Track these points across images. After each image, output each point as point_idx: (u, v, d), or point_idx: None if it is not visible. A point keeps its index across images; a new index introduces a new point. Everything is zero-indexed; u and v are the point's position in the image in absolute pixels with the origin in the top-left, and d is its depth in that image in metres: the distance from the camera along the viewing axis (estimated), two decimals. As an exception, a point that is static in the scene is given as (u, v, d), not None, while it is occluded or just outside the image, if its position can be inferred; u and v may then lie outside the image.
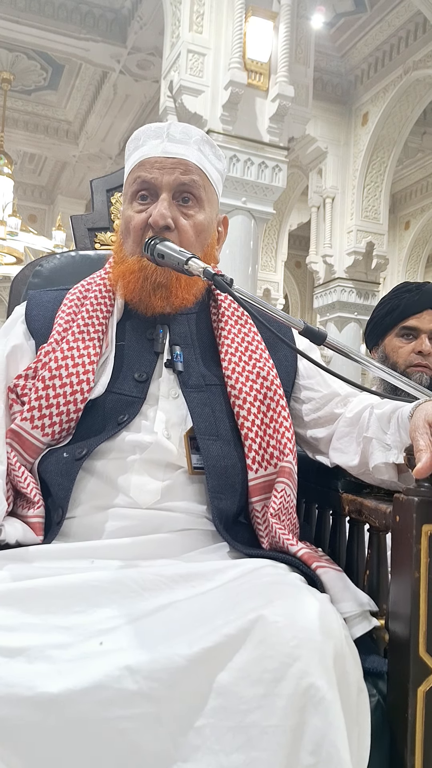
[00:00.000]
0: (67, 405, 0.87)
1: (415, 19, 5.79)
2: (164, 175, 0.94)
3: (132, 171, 0.97)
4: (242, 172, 4.22)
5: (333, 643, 0.62)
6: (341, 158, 6.74)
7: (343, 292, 6.76)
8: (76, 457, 0.85)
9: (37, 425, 0.87)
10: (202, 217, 0.97)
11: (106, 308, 0.96)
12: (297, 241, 9.97)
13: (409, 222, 9.21)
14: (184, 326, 0.98)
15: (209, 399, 0.92)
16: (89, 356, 0.91)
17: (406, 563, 0.74)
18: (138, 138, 0.99)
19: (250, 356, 0.96)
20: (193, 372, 0.94)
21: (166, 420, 0.89)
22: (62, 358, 0.90)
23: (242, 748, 0.58)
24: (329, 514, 1.05)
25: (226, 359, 0.95)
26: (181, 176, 0.94)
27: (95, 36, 6.16)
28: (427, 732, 0.71)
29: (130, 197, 0.97)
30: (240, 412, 0.91)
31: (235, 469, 0.89)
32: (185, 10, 4.15)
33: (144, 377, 0.92)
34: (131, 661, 0.58)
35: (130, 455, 0.86)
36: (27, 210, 9.39)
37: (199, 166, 0.96)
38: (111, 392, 0.90)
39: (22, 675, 0.57)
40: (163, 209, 0.92)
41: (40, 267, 1.32)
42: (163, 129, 0.97)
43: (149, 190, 0.95)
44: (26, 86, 7.40)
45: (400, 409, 0.85)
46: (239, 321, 1.00)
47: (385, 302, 1.56)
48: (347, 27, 6.22)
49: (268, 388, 0.94)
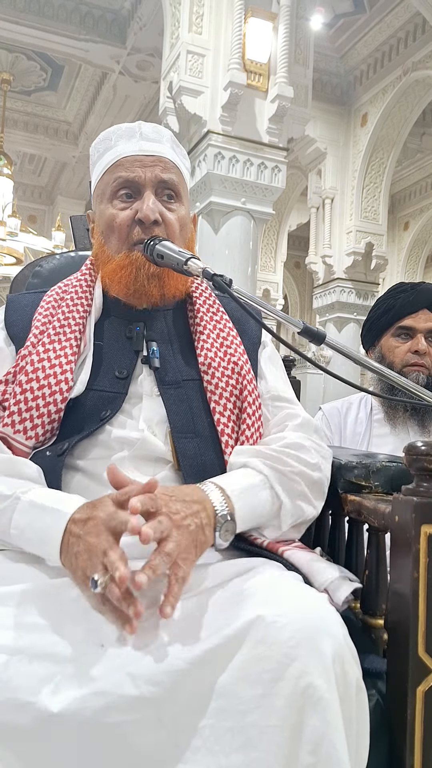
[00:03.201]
0: (47, 406, 0.87)
1: (414, 20, 5.80)
2: (146, 173, 0.95)
3: (108, 171, 0.98)
4: (241, 173, 4.23)
5: (331, 642, 0.62)
6: (340, 159, 6.75)
7: (342, 293, 6.77)
8: (58, 453, 0.85)
9: (18, 429, 0.86)
10: (183, 211, 0.99)
11: (83, 308, 0.97)
12: (296, 242, 9.98)
13: (408, 223, 9.22)
14: (161, 323, 0.99)
15: (186, 395, 0.92)
16: (66, 356, 0.90)
17: (405, 563, 0.74)
18: (108, 138, 1.00)
19: (225, 351, 0.97)
20: (170, 368, 0.94)
21: (150, 418, 0.89)
22: (38, 361, 0.89)
23: (241, 749, 0.58)
24: (328, 514, 1.05)
25: (202, 354, 0.95)
26: (162, 173, 0.96)
27: (95, 37, 6.16)
28: (426, 732, 0.71)
29: (109, 196, 0.97)
30: (216, 408, 0.91)
31: (213, 466, 0.88)
32: (185, 10, 4.16)
33: (125, 374, 0.92)
34: (132, 667, 0.58)
35: (117, 452, 0.86)
36: (27, 210, 9.39)
37: (175, 163, 0.99)
38: (92, 390, 0.90)
39: (24, 678, 0.57)
40: (151, 204, 0.94)
41: (39, 267, 1.32)
42: (134, 129, 0.99)
43: (132, 188, 0.96)
44: (26, 87, 7.40)
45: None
46: (214, 317, 1.01)
47: (381, 302, 1.56)
48: (346, 28, 6.23)
49: (242, 384, 0.94)
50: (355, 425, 1.55)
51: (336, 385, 5.83)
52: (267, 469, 0.84)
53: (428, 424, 1.50)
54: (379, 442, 1.50)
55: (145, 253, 0.93)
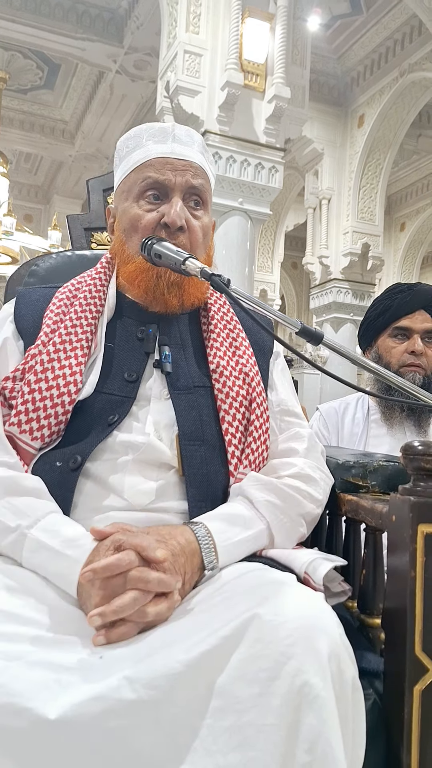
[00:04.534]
0: (54, 407, 0.86)
1: (410, 22, 5.82)
2: (177, 177, 0.94)
3: (137, 169, 0.96)
4: (239, 173, 4.23)
5: (328, 640, 0.62)
6: (337, 160, 6.77)
7: (339, 293, 6.79)
8: (71, 468, 0.84)
9: (25, 429, 0.85)
10: (207, 219, 0.99)
11: (96, 308, 0.95)
12: (293, 242, 10.00)
13: (405, 223, 9.25)
14: (174, 327, 0.98)
15: (197, 401, 0.91)
16: (76, 357, 0.89)
17: (402, 563, 0.74)
18: (139, 136, 0.98)
19: (237, 361, 0.96)
20: (181, 373, 0.93)
21: (158, 421, 0.88)
22: (48, 361, 0.89)
23: (239, 748, 0.58)
24: (326, 514, 1.05)
25: (214, 362, 0.94)
26: (192, 179, 0.95)
27: (92, 35, 6.16)
28: (423, 731, 0.71)
29: (136, 196, 0.96)
30: (225, 417, 0.91)
31: (218, 475, 0.88)
32: (182, 10, 4.16)
33: (134, 377, 0.91)
34: (130, 671, 0.58)
35: (122, 456, 0.85)
36: (23, 210, 9.37)
37: (204, 169, 0.98)
38: (100, 392, 0.89)
39: (22, 683, 0.57)
40: (179, 210, 0.93)
41: (35, 266, 1.31)
42: (167, 129, 0.97)
43: (160, 190, 0.95)
44: (22, 85, 7.38)
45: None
46: (228, 325, 1.00)
47: (377, 303, 1.56)
48: (343, 29, 6.24)
49: (252, 395, 0.94)
50: (352, 425, 1.55)
51: (333, 386, 5.84)
52: (270, 514, 0.84)
53: (425, 424, 1.50)
54: (376, 443, 1.51)
55: (142, 253, 0.92)
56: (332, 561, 0.81)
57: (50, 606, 0.71)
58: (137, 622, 0.66)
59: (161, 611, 0.67)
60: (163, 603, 0.68)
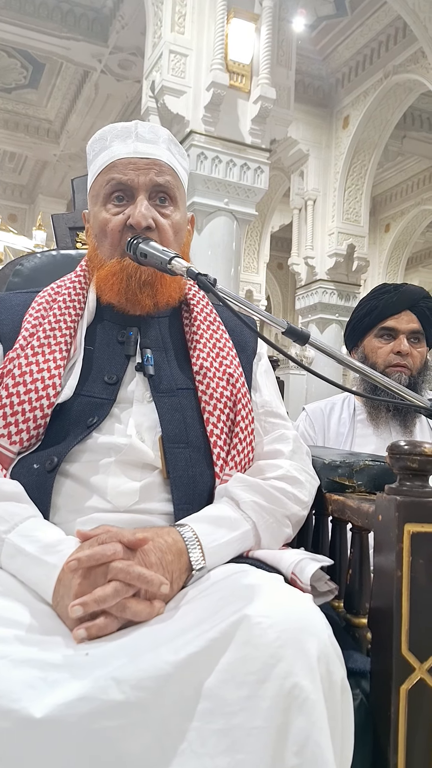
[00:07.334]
0: (33, 411, 0.85)
1: (395, 24, 5.87)
2: (140, 176, 0.93)
3: (102, 172, 0.96)
4: (224, 174, 4.24)
5: (317, 642, 0.62)
6: (323, 161, 6.80)
7: (324, 294, 6.82)
8: (47, 469, 0.83)
9: (3, 434, 0.84)
10: (178, 216, 0.97)
11: (75, 311, 0.95)
12: (279, 243, 10.03)
13: (390, 225, 9.32)
14: (155, 329, 0.97)
15: (180, 404, 0.91)
16: (55, 360, 0.89)
17: (388, 562, 0.74)
18: (103, 138, 0.98)
19: (221, 362, 0.95)
20: (164, 376, 0.93)
21: (140, 423, 0.88)
22: (26, 365, 0.88)
23: (227, 751, 0.57)
24: (312, 514, 1.05)
25: (197, 364, 0.94)
26: (156, 177, 0.94)
27: (76, 35, 6.13)
28: (409, 730, 0.71)
29: (103, 199, 0.95)
30: (210, 418, 0.90)
31: (204, 476, 0.87)
32: (167, 10, 4.15)
33: (114, 379, 0.90)
34: (117, 672, 0.58)
35: (104, 458, 0.85)
36: (7, 209, 9.29)
37: (171, 166, 0.96)
38: (80, 395, 0.88)
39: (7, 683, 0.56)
40: (143, 210, 0.92)
41: (20, 266, 1.30)
42: (130, 129, 0.96)
43: (125, 191, 0.94)
44: (6, 84, 7.33)
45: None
46: (211, 326, 1.00)
47: (363, 303, 1.57)
48: (328, 30, 6.28)
49: (236, 396, 0.93)
50: (338, 425, 1.56)
51: (319, 386, 5.87)
52: (256, 515, 0.84)
53: (410, 424, 1.51)
54: (362, 442, 1.51)
55: (128, 252, 0.91)
56: (319, 561, 0.81)
57: (32, 608, 0.70)
58: (117, 616, 0.66)
59: (140, 610, 0.67)
60: (144, 604, 0.68)
